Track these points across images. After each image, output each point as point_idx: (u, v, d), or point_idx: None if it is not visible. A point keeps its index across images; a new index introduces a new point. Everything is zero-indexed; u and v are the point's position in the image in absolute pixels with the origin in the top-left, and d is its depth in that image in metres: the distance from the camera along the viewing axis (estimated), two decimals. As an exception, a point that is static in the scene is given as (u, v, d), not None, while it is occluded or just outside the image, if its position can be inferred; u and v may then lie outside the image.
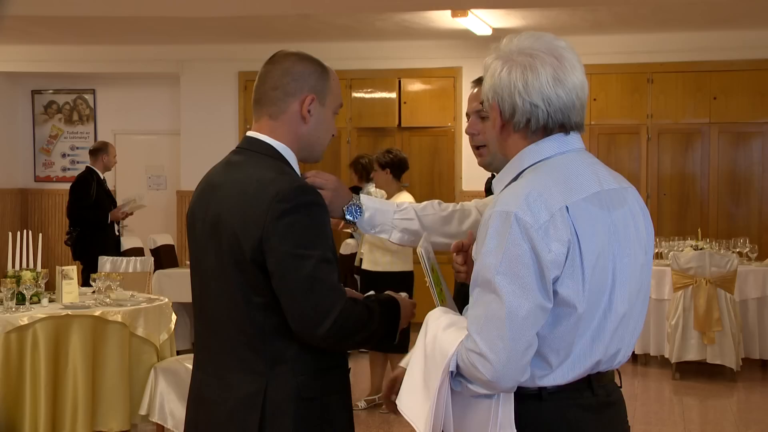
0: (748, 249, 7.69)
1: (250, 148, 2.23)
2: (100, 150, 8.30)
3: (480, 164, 2.58)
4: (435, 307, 2.07)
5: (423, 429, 1.88)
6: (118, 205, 8.38)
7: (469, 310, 1.85)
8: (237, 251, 2.10)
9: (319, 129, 2.26)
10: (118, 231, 8.31)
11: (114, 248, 8.14)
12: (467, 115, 2.58)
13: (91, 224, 8.08)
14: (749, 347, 7.46)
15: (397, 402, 1.98)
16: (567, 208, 1.82)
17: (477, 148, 2.55)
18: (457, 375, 1.85)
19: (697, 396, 6.88)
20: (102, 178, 8.27)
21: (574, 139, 1.94)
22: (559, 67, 1.88)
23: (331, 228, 2.18)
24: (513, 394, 1.85)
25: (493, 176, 2.64)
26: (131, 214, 8.50)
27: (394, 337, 2.26)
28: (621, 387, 2.02)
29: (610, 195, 1.91)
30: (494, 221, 1.81)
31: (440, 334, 1.89)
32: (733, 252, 7.43)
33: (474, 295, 1.83)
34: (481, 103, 2.16)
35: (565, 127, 1.92)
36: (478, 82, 2.56)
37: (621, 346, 1.92)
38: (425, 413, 1.88)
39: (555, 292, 1.80)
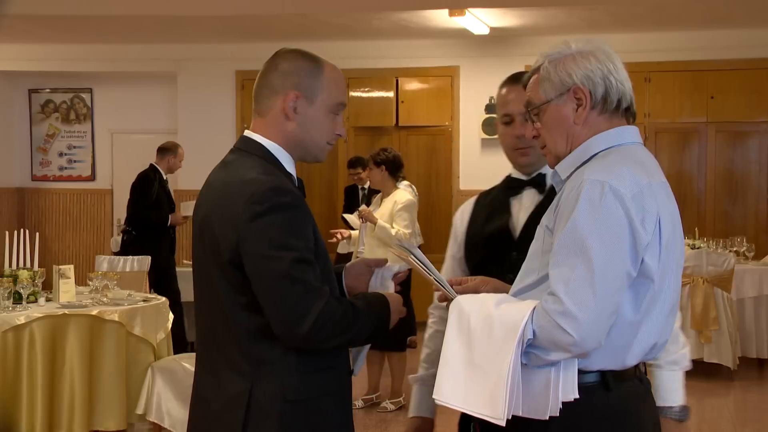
0: (745, 248, 7.69)
1: (242, 147, 2.23)
2: (168, 150, 7.84)
3: (524, 163, 2.50)
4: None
5: (491, 410, 1.86)
6: (176, 209, 7.91)
7: (551, 271, 1.87)
8: (216, 252, 2.10)
9: (310, 128, 2.20)
10: (173, 235, 7.83)
11: (169, 252, 7.72)
12: (508, 115, 2.48)
13: (150, 225, 7.66)
14: (746, 346, 7.46)
15: (436, 396, 1.95)
16: (650, 185, 1.91)
17: (521, 148, 2.48)
18: (527, 347, 1.86)
19: (694, 395, 6.88)
20: (165, 178, 7.85)
21: (637, 133, 2.05)
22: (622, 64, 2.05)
23: (317, 229, 2.14)
24: (576, 361, 1.87)
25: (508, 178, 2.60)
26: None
27: (385, 333, 2.22)
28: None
29: (669, 188, 2.01)
30: (587, 188, 1.86)
31: (495, 311, 1.90)
32: (730, 251, 7.44)
33: (559, 258, 1.86)
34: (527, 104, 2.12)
35: (635, 117, 2.07)
36: (515, 80, 2.48)
37: (667, 336, 2.00)
38: (489, 394, 1.86)
39: (641, 261, 1.87)
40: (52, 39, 9.76)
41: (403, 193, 6.33)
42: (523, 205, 2.51)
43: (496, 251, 2.45)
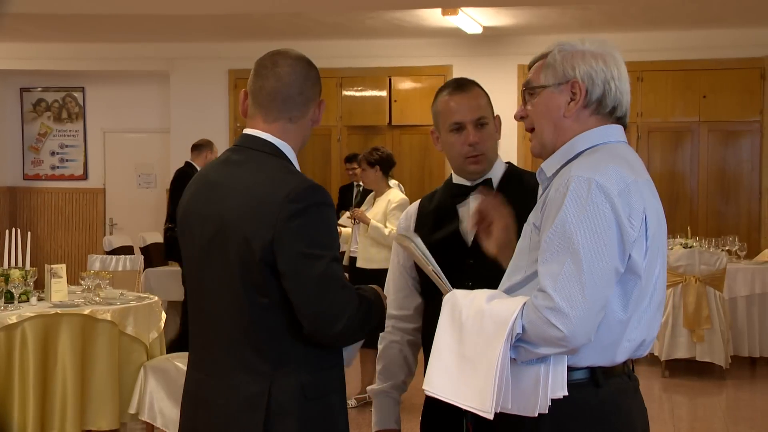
0: (737, 247, 7.71)
1: (251, 146, 2.21)
2: (203, 146, 7.86)
3: (475, 171, 2.52)
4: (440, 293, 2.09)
5: (479, 403, 1.88)
6: None
7: (540, 268, 1.89)
8: (245, 252, 2.08)
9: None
10: None
11: None
12: (458, 123, 2.51)
13: None
14: (738, 345, 7.49)
15: (426, 388, 1.98)
16: (636, 182, 1.93)
17: (474, 156, 2.50)
18: (517, 341, 1.87)
19: (687, 394, 6.90)
20: None
21: (622, 132, 2.09)
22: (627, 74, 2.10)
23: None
24: (566, 358, 1.89)
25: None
26: None
27: (382, 327, 2.29)
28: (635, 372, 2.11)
29: (653, 185, 2.03)
30: (573, 185, 1.88)
31: (486, 306, 1.92)
32: (723, 250, 7.46)
33: (547, 254, 1.88)
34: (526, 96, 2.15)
35: (626, 128, 2.10)
36: (459, 87, 2.54)
37: (655, 332, 2.02)
38: (478, 387, 1.88)
39: (629, 257, 1.89)
40: (43, 38, 9.74)
41: (397, 192, 6.33)
42: (471, 212, 2.49)
43: (450, 259, 2.42)
